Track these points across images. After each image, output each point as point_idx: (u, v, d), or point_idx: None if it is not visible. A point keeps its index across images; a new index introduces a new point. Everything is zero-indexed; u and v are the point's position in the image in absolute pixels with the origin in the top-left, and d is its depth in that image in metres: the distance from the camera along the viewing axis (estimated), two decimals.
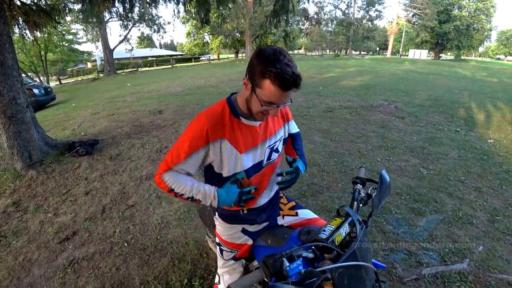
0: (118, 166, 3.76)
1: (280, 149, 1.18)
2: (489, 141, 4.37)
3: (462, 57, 44.68)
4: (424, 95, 7.90)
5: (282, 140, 1.19)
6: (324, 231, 0.81)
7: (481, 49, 59.91)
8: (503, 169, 3.37)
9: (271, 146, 1.12)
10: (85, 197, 3.06)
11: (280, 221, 1.27)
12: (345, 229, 0.82)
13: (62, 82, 23.90)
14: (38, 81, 19.62)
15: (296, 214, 1.27)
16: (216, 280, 1.30)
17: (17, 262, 2.17)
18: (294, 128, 1.30)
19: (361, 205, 1.02)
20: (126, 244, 2.29)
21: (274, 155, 1.15)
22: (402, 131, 4.80)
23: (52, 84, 20.99)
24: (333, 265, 0.71)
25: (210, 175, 1.09)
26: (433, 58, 41.66)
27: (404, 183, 3.06)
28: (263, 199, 1.20)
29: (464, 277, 1.85)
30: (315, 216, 1.27)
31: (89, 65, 36.70)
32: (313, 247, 0.75)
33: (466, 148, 4.03)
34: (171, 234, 2.38)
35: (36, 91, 9.41)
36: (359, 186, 1.10)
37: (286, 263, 0.66)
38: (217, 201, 1.00)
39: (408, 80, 11.42)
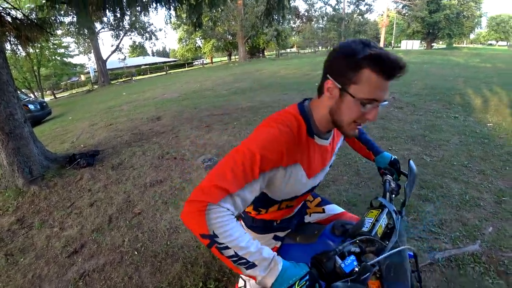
0: (121, 175, 3.74)
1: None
2: (488, 125, 4.39)
3: (454, 45, 44.99)
4: (420, 84, 7.92)
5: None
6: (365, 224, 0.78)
7: (472, 36, 60.34)
8: (504, 151, 3.39)
9: (331, 164, 0.99)
10: (90, 208, 3.04)
11: (307, 219, 1.22)
12: (384, 220, 0.79)
13: (57, 96, 23.82)
14: (33, 96, 19.56)
15: (323, 211, 1.22)
16: (241, 284, 1.22)
17: (26, 279, 2.14)
18: None
19: (393, 195, 0.98)
20: (136, 253, 2.27)
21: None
22: (402, 120, 4.81)
23: (47, 98, 20.93)
24: (382, 256, 0.68)
25: None
26: (425, 48, 41.85)
27: None
28: (297, 208, 1.13)
29: (478, 258, 1.85)
30: (342, 210, 1.23)
31: (83, 77, 36.57)
32: (357, 241, 0.71)
33: (466, 133, 4.05)
34: (181, 239, 2.36)
35: (31, 106, 9.37)
36: (388, 177, 1.06)
37: (339, 261, 0.63)
38: (279, 269, 0.64)
39: None
